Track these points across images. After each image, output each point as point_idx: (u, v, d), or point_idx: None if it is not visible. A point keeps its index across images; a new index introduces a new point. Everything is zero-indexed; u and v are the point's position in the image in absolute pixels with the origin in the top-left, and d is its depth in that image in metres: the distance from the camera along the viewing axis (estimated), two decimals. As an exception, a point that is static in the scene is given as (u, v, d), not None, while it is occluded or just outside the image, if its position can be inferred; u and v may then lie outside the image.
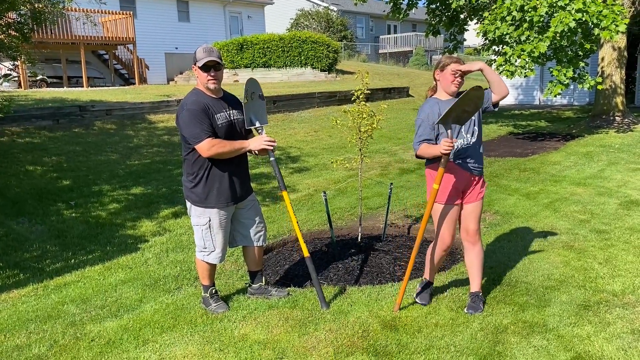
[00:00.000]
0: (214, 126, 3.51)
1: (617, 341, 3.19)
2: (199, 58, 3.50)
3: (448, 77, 3.45)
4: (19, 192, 7.29)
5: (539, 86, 20.07)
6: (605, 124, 12.99)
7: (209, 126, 3.47)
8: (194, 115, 3.45)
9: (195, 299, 3.99)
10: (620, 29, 9.03)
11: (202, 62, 3.48)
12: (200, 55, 3.50)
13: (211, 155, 3.50)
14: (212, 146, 3.47)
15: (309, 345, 3.26)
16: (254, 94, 3.79)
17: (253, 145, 3.61)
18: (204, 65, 3.48)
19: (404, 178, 7.96)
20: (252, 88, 3.78)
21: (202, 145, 3.46)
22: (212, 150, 3.48)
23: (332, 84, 19.03)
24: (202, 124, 3.45)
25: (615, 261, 4.44)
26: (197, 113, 3.46)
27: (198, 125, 3.44)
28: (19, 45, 7.91)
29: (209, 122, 3.48)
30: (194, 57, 3.54)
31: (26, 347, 3.41)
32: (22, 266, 4.91)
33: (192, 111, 3.47)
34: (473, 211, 3.60)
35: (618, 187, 6.96)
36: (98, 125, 11.48)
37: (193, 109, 3.47)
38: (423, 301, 3.74)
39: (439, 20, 13.77)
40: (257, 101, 3.81)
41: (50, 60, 19.24)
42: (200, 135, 3.45)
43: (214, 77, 3.53)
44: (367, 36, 38.51)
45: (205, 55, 3.49)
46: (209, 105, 3.53)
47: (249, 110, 3.74)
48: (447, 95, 3.51)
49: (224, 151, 3.52)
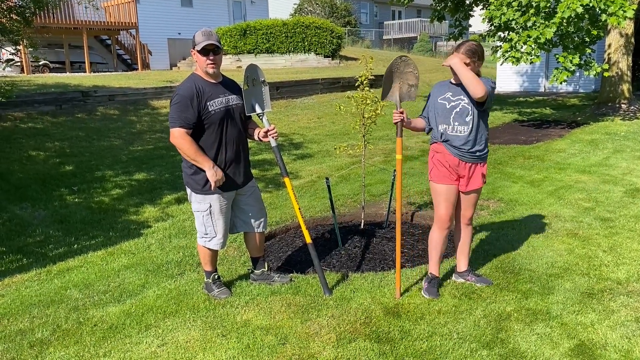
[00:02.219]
0: (201, 115, 3.46)
1: (621, 329, 3.18)
2: (198, 42, 3.45)
3: None
4: (22, 178, 7.29)
5: (544, 73, 19.89)
6: (611, 112, 12.88)
7: (190, 118, 3.42)
8: (179, 101, 3.43)
9: (198, 285, 3.99)
10: (628, 15, 8.92)
11: (200, 46, 3.43)
12: (199, 38, 3.46)
13: (175, 144, 3.47)
14: (181, 138, 3.42)
15: (311, 331, 3.26)
16: (255, 80, 3.74)
17: (208, 173, 3.48)
18: (203, 49, 3.44)
19: (408, 165, 7.92)
20: (253, 74, 3.74)
21: (173, 131, 3.44)
22: (177, 141, 3.44)
23: (336, 70, 18.93)
24: (184, 112, 3.41)
25: (619, 249, 4.42)
26: (184, 100, 3.42)
27: (178, 112, 3.42)
28: (20, 30, 7.86)
29: (193, 114, 3.43)
30: (193, 41, 3.49)
31: (29, 332, 3.42)
32: (25, 251, 4.91)
33: (180, 97, 3.45)
34: (469, 199, 3.72)
35: (623, 175, 6.92)
36: (101, 110, 11.45)
37: (181, 94, 3.45)
38: (432, 296, 3.66)
39: (444, 6, 13.62)
40: (258, 87, 3.77)
41: (52, 46, 19.16)
42: (176, 121, 3.42)
43: (212, 61, 3.49)
44: (371, 22, 38.21)
45: (204, 39, 3.44)
46: (204, 91, 3.48)
47: (250, 96, 3.70)
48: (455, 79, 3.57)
49: (185, 152, 3.46)
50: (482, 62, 3.49)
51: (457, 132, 3.51)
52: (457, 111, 3.50)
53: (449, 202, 3.64)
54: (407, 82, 3.67)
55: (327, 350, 3.05)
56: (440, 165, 3.61)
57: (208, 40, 3.44)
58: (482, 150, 3.58)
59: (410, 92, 3.69)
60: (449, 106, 3.53)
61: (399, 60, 3.65)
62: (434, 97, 3.64)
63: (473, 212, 3.80)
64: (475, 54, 3.42)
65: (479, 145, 3.55)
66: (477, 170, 3.61)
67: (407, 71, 3.67)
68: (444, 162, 3.59)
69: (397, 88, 3.67)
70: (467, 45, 3.44)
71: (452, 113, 3.51)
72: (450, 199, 3.64)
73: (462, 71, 3.38)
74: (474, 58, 3.42)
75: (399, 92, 3.67)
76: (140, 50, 20.44)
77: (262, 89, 3.79)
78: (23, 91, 11.16)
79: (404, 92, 3.69)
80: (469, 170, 3.59)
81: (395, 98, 3.67)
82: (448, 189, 3.62)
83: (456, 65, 3.40)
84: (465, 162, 3.56)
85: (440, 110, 3.57)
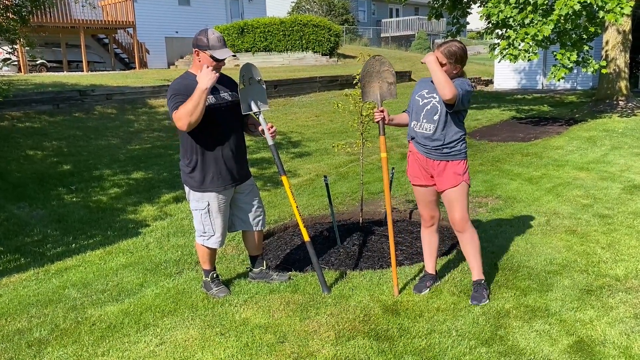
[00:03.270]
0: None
1: (620, 325, 3.18)
2: (214, 47, 3.41)
3: None
4: (19, 177, 7.28)
5: (542, 70, 19.89)
6: (608, 109, 12.89)
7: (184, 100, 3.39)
8: (173, 93, 3.43)
9: (197, 283, 3.98)
10: (626, 12, 8.91)
11: (221, 57, 3.41)
12: (214, 43, 3.41)
13: (184, 123, 3.31)
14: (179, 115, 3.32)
15: (310, 329, 3.25)
16: (251, 79, 3.73)
17: (203, 84, 3.31)
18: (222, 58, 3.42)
19: (404, 163, 7.91)
20: (248, 73, 3.72)
21: (173, 115, 3.38)
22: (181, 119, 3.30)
23: (334, 68, 18.91)
24: (178, 99, 3.39)
25: (618, 245, 4.42)
26: (176, 91, 3.43)
27: (173, 102, 3.41)
28: (17, 29, 7.84)
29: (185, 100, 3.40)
30: (204, 41, 3.40)
31: (27, 331, 3.41)
32: (23, 251, 4.90)
33: (172, 90, 3.46)
34: (448, 200, 3.54)
35: (621, 172, 6.92)
36: (98, 109, 11.43)
37: (173, 88, 3.46)
38: (415, 290, 3.70)
39: (441, 4, 13.60)
40: (254, 86, 3.75)
41: (50, 45, 19.11)
42: (172, 108, 3.40)
43: (221, 67, 3.50)
44: (369, 20, 38.18)
45: (221, 46, 3.42)
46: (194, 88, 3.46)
47: (246, 95, 3.68)
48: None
49: (188, 109, 3.30)
50: (461, 66, 3.42)
51: (423, 129, 3.49)
52: (427, 109, 3.48)
53: (423, 201, 3.68)
54: (386, 80, 3.70)
55: (326, 348, 3.04)
56: (413, 163, 3.64)
57: (228, 53, 3.44)
58: (451, 147, 3.45)
59: (390, 89, 3.71)
60: (422, 103, 3.52)
61: (374, 60, 3.68)
62: (414, 92, 3.64)
63: (461, 215, 3.52)
64: (453, 55, 3.35)
65: (446, 143, 3.44)
66: (448, 168, 3.48)
67: (384, 69, 3.70)
68: (414, 160, 3.62)
69: (377, 87, 3.70)
70: (447, 46, 3.39)
71: (423, 110, 3.50)
72: (424, 199, 3.67)
73: (434, 70, 3.32)
74: (451, 59, 3.36)
75: (379, 91, 3.70)
76: (137, 49, 20.40)
77: (258, 88, 3.78)
78: (20, 90, 11.13)
79: (385, 90, 3.71)
80: (437, 167, 3.50)
81: (376, 97, 3.70)
82: (419, 189, 3.67)
83: (430, 64, 3.34)
84: (433, 160, 3.50)
85: (415, 106, 3.57)
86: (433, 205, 3.70)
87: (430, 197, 3.66)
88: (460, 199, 3.51)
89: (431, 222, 3.74)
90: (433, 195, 3.65)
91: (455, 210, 3.53)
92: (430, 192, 3.64)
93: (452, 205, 3.54)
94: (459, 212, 3.53)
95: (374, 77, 3.70)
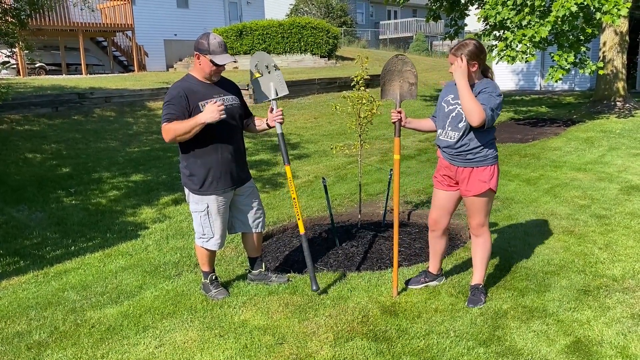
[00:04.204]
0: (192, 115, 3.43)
1: (617, 326, 3.20)
2: (214, 52, 3.41)
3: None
4: (18, 180, 7.28)
5: (539, 71, 19.93)
6: (606, 110, 12.92)
7: (180, 113, 3.39)
8: (169, 100, 3.43)
9: (196, 285, 3.99)
10: (622, 13, 8.94)
11: (222, 62, 3.42)
12: (215, 48, 3.41)
13: (169, 138, 3.39)
14: (167, 129, 3.37)
15: (308, 330, 3.27)
16: (268, 67, 3.70)
17: (203, 117, 3.35)
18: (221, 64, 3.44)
19: (404, 164, 7.93)
20: (263, 61, 3.69)
21: (163, 126, 3.41)
22: (169, 134, 3.37)
23: (332, 70, 18.94)
24: (172, 109, 3.39)
25: (615, 246, 4.44)
26: (173, 98, 3.42)
27: (166, 110, 3.42)
28: (16, 32, 7.85)
29: (183, 110, 3.40)
30: (205, 45, 3.41)
31: (27, 334, 3.42)
32: (22, 253, 4.91)
33: (169, 95, 3.45)
34: (470, 205, 3.50)
35: (619, 173, 6.94)
36: (97, 112, 11.45)
37: (171, 93, 3.46)
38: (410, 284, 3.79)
39: (439, 5, 13.63)
40: (273, 73, 3.72)
41: (48, 48, 19.12)
42: (163, 118, 3.41)
43: (221, 71, 3.52)
44: (367, 22, 38.23)
45: (222, 51, 3.42)
46: (196, 92, 3.47)
47: (266, 82, 3.66)
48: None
49: (179, 131, 3.35)
50: (477, 62, 3.26)
51: (448, 137, 3.40)
52: (452, 116, 3.37)
53: (436, 205, 3.64)
54: (408, 80, 3.63)
55: (325, 349, 3.06)
56: (439, 168, 3.58)
57: (229, 58, 3.45)
58: (475, 153, 3.34)
59: (411, 90, 3.64)
60: (447, 110, 3.42)
61: (396, 59, 3.62)
62: (440, 97, 3.54)
63: (479, 221, 3.50)
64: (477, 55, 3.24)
65: (470, 149, 3.34)
66: (473, 175, 3.38)
67: (406, 69, 3.63)
68: (440, 165, 3.57)
69: (398, 87, 3.64)
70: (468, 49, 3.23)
71: (449, 117, 3.40)
72: (437, 203, 3.62)
73: (461, 92, 3.21)
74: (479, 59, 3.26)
75: (399, 90, 3.63)
76: (136, 51, 20.42)
77: (277, 74, 3.76)
78: (19, 93, 11.14)
79: (405, 90, 3.64)
80: (462, 174, 3.42)
81: (396, 96, 3.63)
82: (437, 193, 3.62)
83: (458, 80, 3.23)
84: (457, 167, 3.42)
85: (441, 112, 3.49)
86: (443, 212, 3.62)
87: (446, 203, 3.58)
88: (482, 206, 3.45)
89: (435, 227, 3.69)
90: (449, 202, 3.57)
91: (475, 216, 3.50)
92: (448, 198, 3.56)
93: (472, 211, 3.49)
94: (478, 218, 3.50)
95: (395, 75, 3.63)
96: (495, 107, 3.22)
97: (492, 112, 3.20)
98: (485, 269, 3.62)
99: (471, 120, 3.18)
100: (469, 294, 3.58)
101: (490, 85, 3.30)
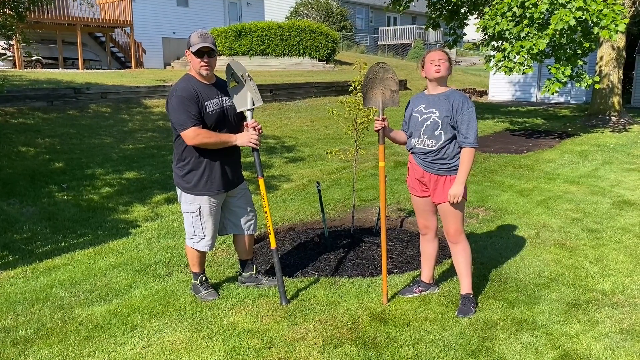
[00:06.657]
0: (202, 114, 3.46)
1: (605, 340, 3.20)
2: (193, 43, 3.44)
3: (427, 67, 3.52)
4: (10, 173, 7.23)
5: (536, 83, 20.05)
6: (601, 124, 13.00)
7: (197, 114, 3.42)
8: (182, 102, 3.41)
9: (185, 286, 3.97)
10: (620, 29, 9.01)
11: (195, 48, 3.43)
12: (194, 40, 3.45)
13: (196, 144, 3.46)
14: (197, 135, 3.42)
15: (297, 335, 3.25)
16: (243, 76, 3.70)
17: (240, 140, 3.56)
18: (198, 51, 3.43)
19: (399, 171, 7.94)
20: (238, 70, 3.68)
21: (187, 132, 3.41)
22: (197, 139, 3.43)
23: (330, 74, 18.96)
24: (190, 111, 3.40)
25: (606, 260, 4.46)
26: (186, 100, 3.41)
27: (185, 112, 3.40)
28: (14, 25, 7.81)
29: (198, 110, 3.43)
30: (188, 41, 3.48)
31: (13, 329, 3.38)
32: (11, 248, 4.87)
33: (181, 98, 3.42)
34: (443, 212, 3.57)
35: (611, 187, 6.98)
36: (93, 108, 11.39)
37: (181, 96, 3.43)
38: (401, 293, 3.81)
39: (439, 14, 13.69)
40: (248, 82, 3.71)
41: (46, 41, 19.02)
42: (187, 122, 3.40)
43: (207, 63, 3.48)
44: (366, 27, 38.32)
45: (200, 41, 3.43)
46: (199, 92, 3.47)
47: (241, 91, 3.65)
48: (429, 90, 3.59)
49: (209, 142, 3.48)
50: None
51: (425, 145, 3.49)
52: (427, 124, 3.47)
53: (419, 211, 3.73)
54: (389, 88, 3.68)
55: (313, 354, 3.04)
56: (411, 173, 3.66)
57: (203, 43, 3.43)
58: (449, 162, 3.46)
59: (393, 97, 3.68)
60: (421, 119, 3.51)
61: (378, 67, 3.66)
62: (409, 109, 3.65)
63: (456, 227, 3.55)
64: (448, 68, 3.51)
65: (445, 157, 3.46)
66: (446, 182, 3.48)
67: (388, 77, 3.67)
68: (412, 172, 3.65)
69: (380, 94, 3.68)
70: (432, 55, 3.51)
71: (423, 126, 3.50)
72: (419, 209, 3.72)
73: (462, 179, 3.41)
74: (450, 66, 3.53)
75: (382, 98, 3.67)
76: (134, 48, 20.36)
77: (251, 84, 3.74)
78: (15, 86, 11.08)
79: (387, 98, 3.68)
80: (436, 182, 3.50)
81: (378, 104, 3.67)
82: (415, 200, 3.70)
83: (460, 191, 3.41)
84: (431, 174, 3.51)
85: (413, 122, 3.57)
86: (428, 215, 3.71)
87: (426, 207, 3.67)
88: (456, 213, 3.53)
89: (425, 231, 3.76)
90: (429, 205, 3.66)
91: (450, 222, 3.56)
92: (426, 203, 3.65)
93: (447, 218, 3.57)
94: (453, 224, 3.56)
95: (377, 83, 3.67)
96: (476, 127, 3.41)
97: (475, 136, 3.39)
98: (470, 276, 3.64)
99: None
100: (459, 304, 3.59)
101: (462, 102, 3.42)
